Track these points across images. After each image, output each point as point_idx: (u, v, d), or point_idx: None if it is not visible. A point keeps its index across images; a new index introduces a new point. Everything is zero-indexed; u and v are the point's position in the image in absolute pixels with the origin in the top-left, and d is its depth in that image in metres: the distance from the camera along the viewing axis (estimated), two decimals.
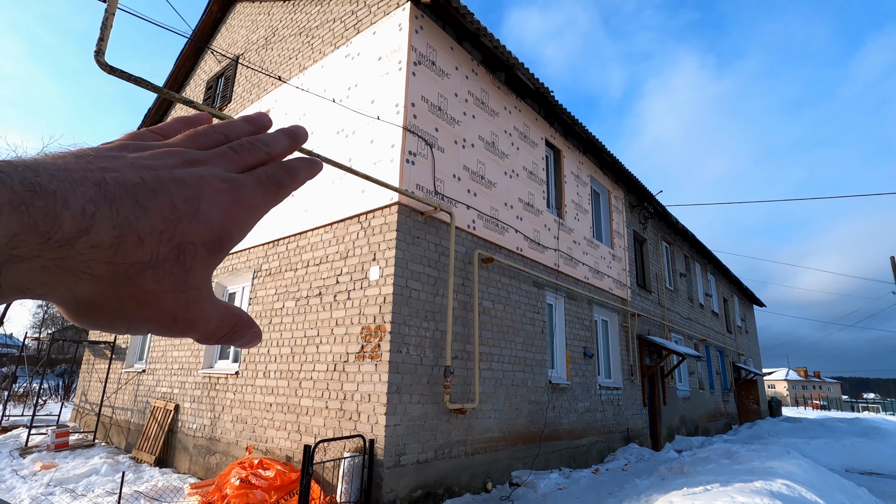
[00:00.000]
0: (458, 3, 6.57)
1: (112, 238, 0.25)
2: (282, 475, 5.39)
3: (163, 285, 0.27)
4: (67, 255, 0.24)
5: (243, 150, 0.34)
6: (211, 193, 0.29)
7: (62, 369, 25.87)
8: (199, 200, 0.28)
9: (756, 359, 25.82)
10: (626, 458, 9.29)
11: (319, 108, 7.47)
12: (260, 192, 0.32)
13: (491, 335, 7.03)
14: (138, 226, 0.26)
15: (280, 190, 0.34)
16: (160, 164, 0.29)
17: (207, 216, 0.28)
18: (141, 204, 0.26)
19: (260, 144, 0.35)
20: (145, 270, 0.26)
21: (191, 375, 8.40)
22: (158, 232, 0.26)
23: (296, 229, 7.12)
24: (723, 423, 17.84)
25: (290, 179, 0.35)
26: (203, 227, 0.28)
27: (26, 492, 6.64)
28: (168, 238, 0.27)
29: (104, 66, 3.44)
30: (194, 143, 0.33)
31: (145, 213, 0.26)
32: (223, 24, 11.62)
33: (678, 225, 15.08)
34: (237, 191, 0.31)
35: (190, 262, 0.28)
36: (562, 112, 9.15)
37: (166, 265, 0.27)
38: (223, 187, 0.30)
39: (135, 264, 0.26)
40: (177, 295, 0.28)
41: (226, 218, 0.29)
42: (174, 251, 0.27)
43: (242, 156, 0.33)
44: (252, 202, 0.31)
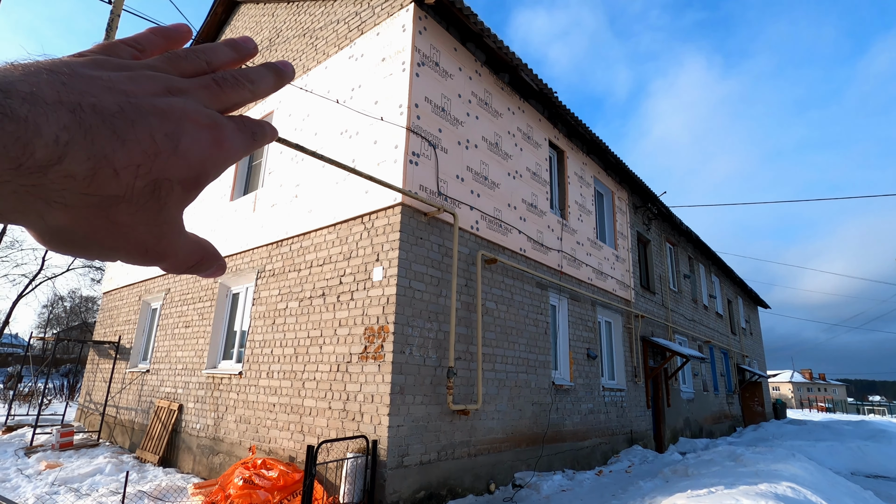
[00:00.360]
0: (461, 3, 6.58)
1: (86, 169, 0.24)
2: (285, 475, 5.39)
3: (136, 218, 0.27)
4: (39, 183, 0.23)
5: (227, 84, 0.32)
6: (192, 129, 0.28)
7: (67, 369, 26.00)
8: (179, 136, 0.27)
9: (760, 361, 25.70)
10: (630, 460, 9.25)
11: (323, 108, 7.48)
12: (239, 137, 0.31)
13: (494, 336, 7.02)
14: (114, 158, 0.25)
15: (254, 142, 0.33)
16: (140, 90, 0.28)
17: (186, 153, 0.28)
18: (118, 135, 0.25)
19: (244, 80, 0.33)
20: (119, 203, 0.26)
21: (194, 375, 8.42)
22: (135, 166, 0.26)
23: (299, 230, 7.13)
24: (727, 426, 17.76)
25: (261, 136, 0.34)
26: (181, 163, 0.27)
27: (31, 491, 6.67)
28: (145, 172, 0.26)
29: None
30: (175, 68, 0.32)
31: (123, 145, 0.25)
32: (227, 26, 11.66)
33: (682, 226, 15.03)
34: (219, 130, 0.30)
35: (165, 197, 0.27)
36: (565, 113, 9.14)
37: (141, 199, 0.26)
38: (205, 123, 0.29)
39: (109, 197, 0.25)
40: (150, 228, 0.28)
41: (205, 157, 0.29)
42: (150, 186, 0.26)
43: (226, 91, 0.32)
44: (230, 145, 0.30)
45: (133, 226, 0.27)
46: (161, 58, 0.32)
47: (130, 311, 11.45)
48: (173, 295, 9.96)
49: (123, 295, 12.11)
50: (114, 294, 12.67)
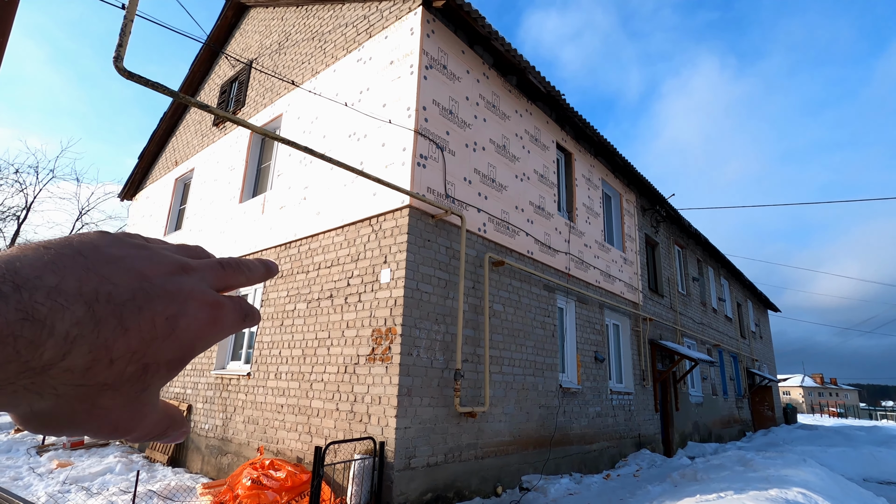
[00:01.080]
0: (469, 7, 6.60)
1: (86, 362, 0.24)
2: (293, 476, 5.42)
3: (117, 402, 0.27)
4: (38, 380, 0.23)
5: (230, 268, 0.35)
6: (193, 308, 0.29)
7: None
8: (178, 318, 0.28)
9: (771, 365, 25.43)
10: (638, 464, 9.19)
11: (331, 111, 7.53)
12: (234, 317, 0.32)
13: (501, 338, 7.01)
14: (113, 347, 0.25)
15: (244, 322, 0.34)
16: (156, 271, 0.29)
17: (182, 335, 0.28)
18: (122, 324, 0.25)
19: (244, 267, 0.36)
20: (107, 390, 0.26)
21: (203, 376, 8.49)
22: (131, 353, 0.26)
23: (308, 232, 7.18)
24: (736, 430, 17.58)
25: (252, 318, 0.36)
26: (174, 345, 0.28)
27: (43, 489, 6.75)
28: (138, 358, 0.26)
29: (123, 71, 3.51)
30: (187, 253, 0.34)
31: (124, 333, 0.25)
32: (237, 30, 11.77)
33: (691, 228, 14.93)
34: (219, 310, 0.31)
35: (150, 379, 0.27)
36: (573, 115, 9.13)
37: (127, 384, 0.26)
38: (208, 301, 0.30)
39: (98, 384, 0.25)
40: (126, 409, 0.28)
41: (198, 336, 0.29)
42: (139, 370, 0.27)
43: (228, 273, 0.34)
44: (225, 324, 0.31)
45: (112, 408, 0.27)
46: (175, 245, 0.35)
47: None
48: None
49: None
50: None
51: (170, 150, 13.18)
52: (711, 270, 18.18)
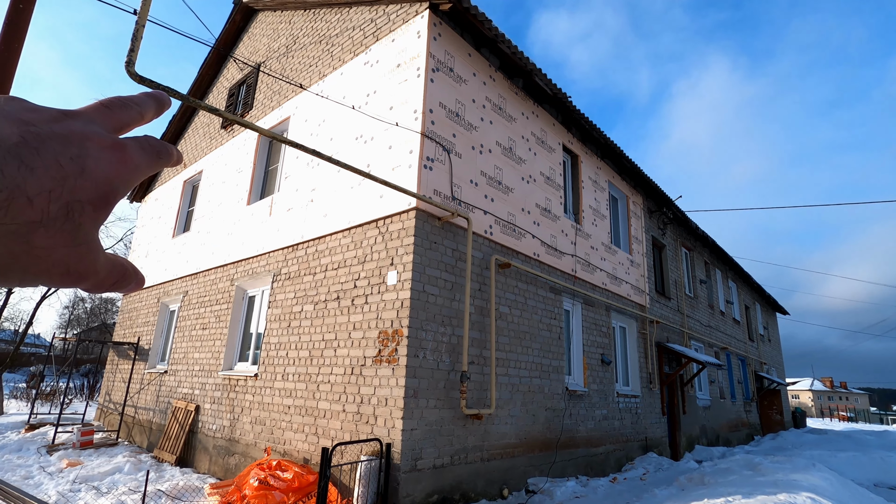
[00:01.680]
0: (476, 10, 6.62)
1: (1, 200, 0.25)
2: (300, 477, 5.45)
3: (54, 241, 0.28)
4: None
5: (115, 106, 0.35)
6: (96, 151, 0.30)
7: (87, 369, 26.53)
8: (84, 158, 0.29)
9: (779, 368, 25.20)
10: (645, 468, 9.14)
11: (339, 114, 7.58)
12: (143, 155, 0.33)
13: (508, 341, 7.01)
14: (26, 187, 0.26)
15: (159, 159, 0.35)
16: (37, 118, 0.29)
17: (93, 174, 0.29)
18: (26, 164, 0.26)
19: (130, 102, 0.36)
20: (37, 229, 0.27)
21: (211, 377, 8.54)
22: (47, 191, 0.27)
23: (315, 234, 7.22)
24: (745, 434, 17.44)
25: (167, 155, 0.36)
26: (89, 184, 0.29)
27: (53, 488, 6.82)
28: (57, 197, 0.27)
29: (134, 76, 3.56)
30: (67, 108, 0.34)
31: (32, 172, 0.26)
32: (245, 33, 11.87)
33: (698, 231, 14.85)
34: (122, 149, 0.32)
35: (79, 218, 0.29)
36: (580, 117, 9.12)
37: (57, 222, 0.28)
38: (108, 144, 0.31)
39: (25, 223, 0.27)
40: (69, 250, 0.29)
41: (112, 175, 0.30)
42: (63, 209, 0.28)
43: (115, 112, 0.34)
44: (135, 163, 0.32)
45: (52, 248, 0.28)
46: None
47: (149, 312, 11.67)
48: (191, 297, 10.13)
49: (142, 297, 12.34)
50: (133, 296, 12.91)
51: None
52: (719, 273, 18.06)
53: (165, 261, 11.69)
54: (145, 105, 0.37)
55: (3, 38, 3.16)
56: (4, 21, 3.16)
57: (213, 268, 9.62)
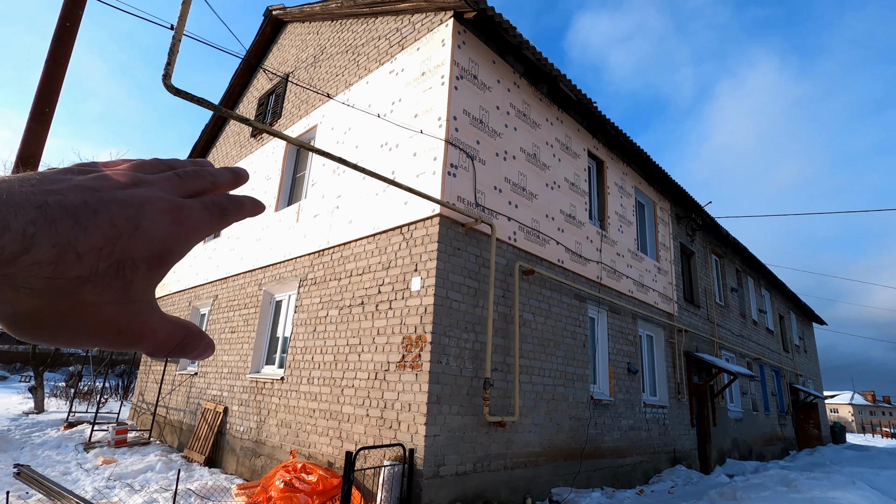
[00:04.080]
0: (500, 17, 6.66)
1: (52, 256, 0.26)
2: (324, 480, 5.51)
3: (103, 297, 0.28)
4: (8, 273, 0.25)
5: (188, 176, 0.35)
6: (153, 212, 0.30)
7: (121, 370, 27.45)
8: (139, 219, 0.29)
9: (816, 380, 24.21)
10: (673, 481, 8.90)
11: (364, 122, 7.70)
12: (204, 214, 0.33)
13: (531, 348, 6.96)
14: (77, 243, 0.27)
15: (224, 217, 0.35)
16: (104, 185, 0.30)
17: (148, 233, 0.30)
18: (81, 223, 0.27)
19: (205, 174, 0.37)
20: (84, 284, 0.27)
21: (239, 379, 8.74)
22: (98, 248, 0.27)
23: (340, 240, 7.33)
24: (779, 448, 16.79)
25: (235, 210, 0.36)
26: (143, 243, 0.29)
27: (90, 484, 7.08)
28: (107, 254, 0.28)
29: (171, 88, 3.71)
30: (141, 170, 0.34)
31: (85, 231, 0.27)
32: (274, 44, 12.20)
33: (729, 237, 14.46)
34: (180, 210, 0.32)
35: (130, 275, 0.29)
36: (605, 122, 9.03)
37: (105, 279, 0.28)
38: (166, 207, 0.31)
39: (74, 279, 0.27)
40: (119, 307, 0.29)
41: (166, 235, 0.30)
42: (113, 266, 0.28)
43: (187, 182, 0.35)
44: (195, 223, 0.32)
45: (101, 305, 0.28)
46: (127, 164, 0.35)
47: (181, 315, 12.00)
48: (220, 301, 10.40)
49: (175, 300, 12.73)
50: (166, 300, 13.34)
51: (210, 161, 13.70)
52: (751, 281, 17.52)
53: (197, 265, 12.04)
54: (221, 177, 0.38)
55: (51, 55, 3.34)
56: (52, 39, 3.34)
57: (241, 273, 9.86)
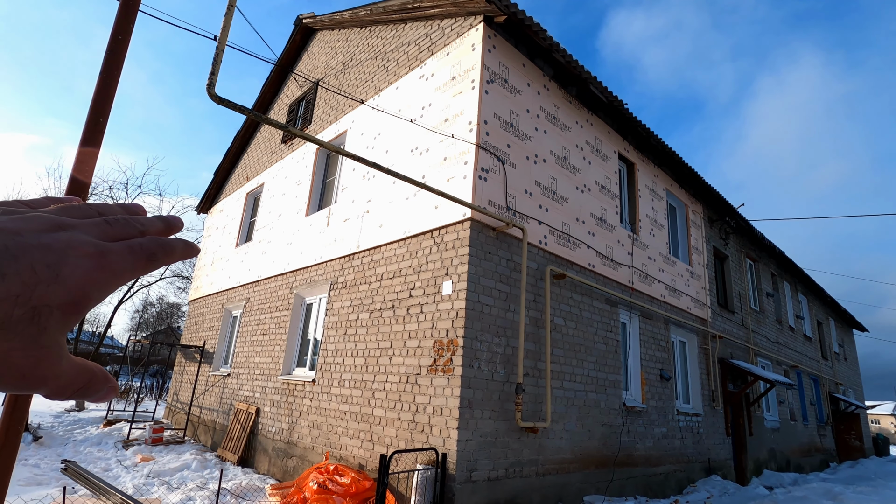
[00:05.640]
0: (531, 20, 6.64)
1: None
2: (356, 482, 5.55)
3: (13, 344, 0.28)
4: None
5: (117, 223, 0.34)
6: (74, 258, 0.29)
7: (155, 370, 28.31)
8: (60, 265, 0.29)
9: (857, 389, 23.21)
10: (709, 491, 8.65)
11: (394, 127, 7.77)
12: (129, 259, 0.32)
13: (562, 353, 6.88)
14: None
15: (151, 261, 0.34)
16: (26, 228, 0.29)
17: (67, 280, 0.29)
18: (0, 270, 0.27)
19: (134, 222, 0.35)
20: None
21: (271, 381, 8.90)
22: (14, 296, 0.27)
23: (371, 244, 7.40)
24: (818, 460, 16.14)
25: (164, 254, 0.35)
26: (61, 290, 0.29)
27: (130, 481, 7.30)
28: (24, 301, 0.27)
29: (214, 97, 3.82)
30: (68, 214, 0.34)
31: (3, 278, 0.27)
32: (305, 52, 12.44)
33: (764, 240, 14.02)
34: (104, 256, 0.31)
35: (45, 322, 0.28)
36: (636, 125, 8.89)
37: (19, 326, 0.27)
38: (89, 252, 0.30)
39: None
40: (27, 353, 0.28)
41: (86, 282, 0.30)
42: (28, 313, 0.28)
43: (115, 228, 0.34)
44: (117, 267, 0.31)
45: (8, 352, 0.28)
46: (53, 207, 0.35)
47: (214, 318, 12.33)
48: (252, 304, 10.62)
49: (207, 303, 13.06)
50: (199, 302, 13.70)
51: (242, 167, 14.06)
52: (787, 285, 16.94)
53: (229, 269, 12.33)
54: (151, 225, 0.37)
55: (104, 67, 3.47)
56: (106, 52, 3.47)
57: (273, 276, 10.05)
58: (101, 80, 3.37)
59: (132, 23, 3.53)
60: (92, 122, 3.30)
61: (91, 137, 3.31)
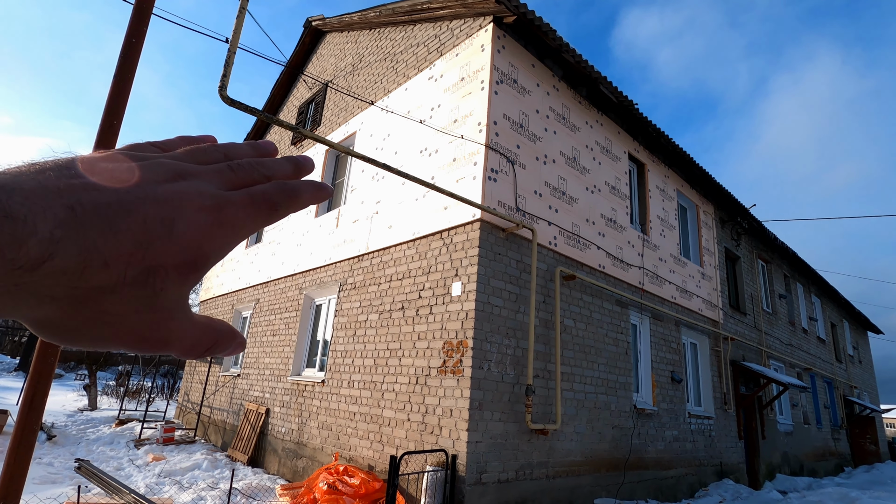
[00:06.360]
0: (540, 21, 6.61)
1: (77, 263, 0.24)
2: (366, 483, 5.55)
3: (127, 307, 0.26)
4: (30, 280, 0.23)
5: (241, 169, 0.32)
6: (190, 212, 0.27)
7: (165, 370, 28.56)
8: (174, 220, 0.27)
9: (872, 393, 22.83)
10: (721, 495, 8.54)
11: (403, 128, 7.78)
12: (250, 211, 0.30)
13: (573, 355, 6.84)
14: (105, 249, 0.24)
15: (274, 211, 0.31)
16: (146, 178, 0.28)
17: (182, 237, 0.27)
18: (111, 226, 0.25)
19: (260, 167, 0.33)
20: (108, 294, 0.25)
21: (280, 381, 8.93)
22: (127, 255, 0.25)
23: (380, 245, 7.41)
24: (833, 464, 15.90)
25: (290, 200, 0.32)
26: (176, 248, 0.27)
27: (141, 480, 7.37)
28: (137, 261, 0.25)
29: (226, 98, 3.85)
30: (192, 158, 0.32)
31: (115, 235, 0.25)
32: (314, 54, 12.51)
33: (776, 241, 13.85)
34: (222, 209, 0.29)
35: (160, 284, 0.27)
36: (646, 125, 8.82)
37: (132, 288, 0.26)
38: (207, 205, 0.28)
39: (97, 287, 0.25)
40: (143, 316, 0.27)
41: (202, 238, 0.28)
42: (142, 274, 0.26)
43: (239, 174, 0.32)
44: (238, 221, 0.29)
45: (125, 315, 0.27)
46: (181, 151, 0.33)
47: (224, 318, 12.40)
48: (262, 305, 10.68)
49: (218, 303, 13.16)
50: (209, 303, 13.81)
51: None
52: (800, 287, 16.72)
53: (239, 270, 12.42)
54: (279, 168, 0.34)
55: (117, 70, 3.50)
56: (120, 55, 3.50)
57: (282, 277, 10.10)
58: (114, 83, 3.40)
59: (145, 26, 3.56)
60: (106, 125, 3.33)
61: (105, 140, 3.35)
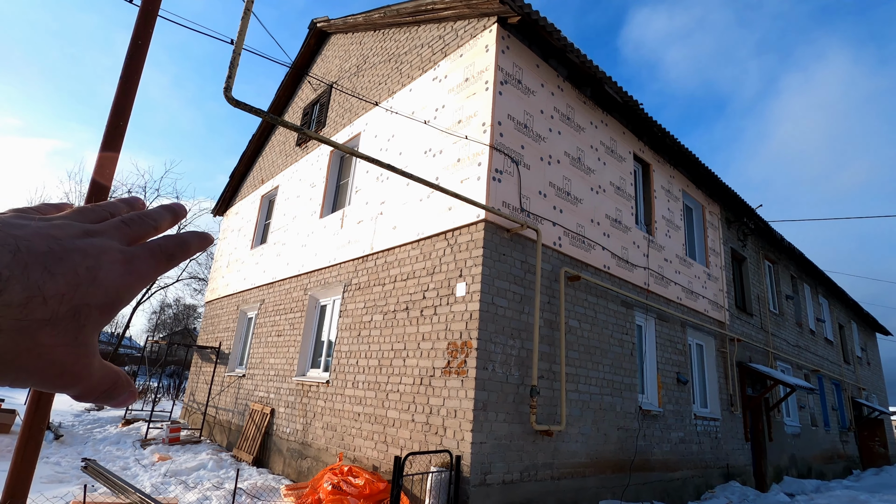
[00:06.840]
0: (545, 21, 6.60)
1: (22, 298, 0.29)
2: (370, 484, 5.55)
3: (57, 340, 0.31)
4: None
5: (134, 223, 0.39)
6: (108, 263, 0.34)
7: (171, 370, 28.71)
8: (97, 269, 0.33)
9: (881, 395, 22.62)
10: (728, 498, 8.49)
11: (407, 129, 7.79)
12: (151, 262, 0.37)
13: (577, 355, 6.81)
14: (45, 288, 0.30)
15: (171, 260, 0.39)
16: (64, 234, 0.34)
17: (103, 283, 0.33)
18: (49, 270, 0.31)
19: (147, 219, 0.41)
20: (45, 327, 0.30)
21: (285, 382, 8.96)
22: (61, 294, 0.31)
23: (384, 245, 7.42)
24: (841, 467, 15.76)
25: (181, 250, 0.40)
26: (99, 291, 0.33)
27: (147, 480, 7.40)
28: (68, 300, 0.31)
29: (231, 100, 3.86)
30: (85, 218, 0.38)
31: (52, 277, 0.31)
32: (319, 55, 12.55)
33: (783, 242, 13.75)
34: (131, 261, 0.35)
35: (84, 320, 0.32)
36: (651, 125, 8.79)
37: (63, 322, 0.31)
38: (119, 258, 0.35)
39: (37, 321, 0.30)
40: (68, 349, 0.32)
41: (119, 285, 0.34)
42: (71, 311, 0.31)
43: (133, 229, 0.39)
44: (143, 271, 0.36)
45: (54, 346, 0.31)
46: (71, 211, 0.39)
47: (229, 319, 12.46)
48: (267, 305, 10.71)
49: (223, 304, 13.21)
50: (215, 303, 13.87)
51: (257, 170, 14.22)
52: (808, 288, 16.59)
53: (244, 270, 12.47)
54: (161, 218, 0.42)
55: (124, 72, 3.52)
56: (126, 57, 3.52)
57: (287, 278, 10.13)
58: (121, 85, 3.42)
59: (151, 28, 3.58)
60: (112, 126, 3.35)
61: (111, 141, 3.36)
